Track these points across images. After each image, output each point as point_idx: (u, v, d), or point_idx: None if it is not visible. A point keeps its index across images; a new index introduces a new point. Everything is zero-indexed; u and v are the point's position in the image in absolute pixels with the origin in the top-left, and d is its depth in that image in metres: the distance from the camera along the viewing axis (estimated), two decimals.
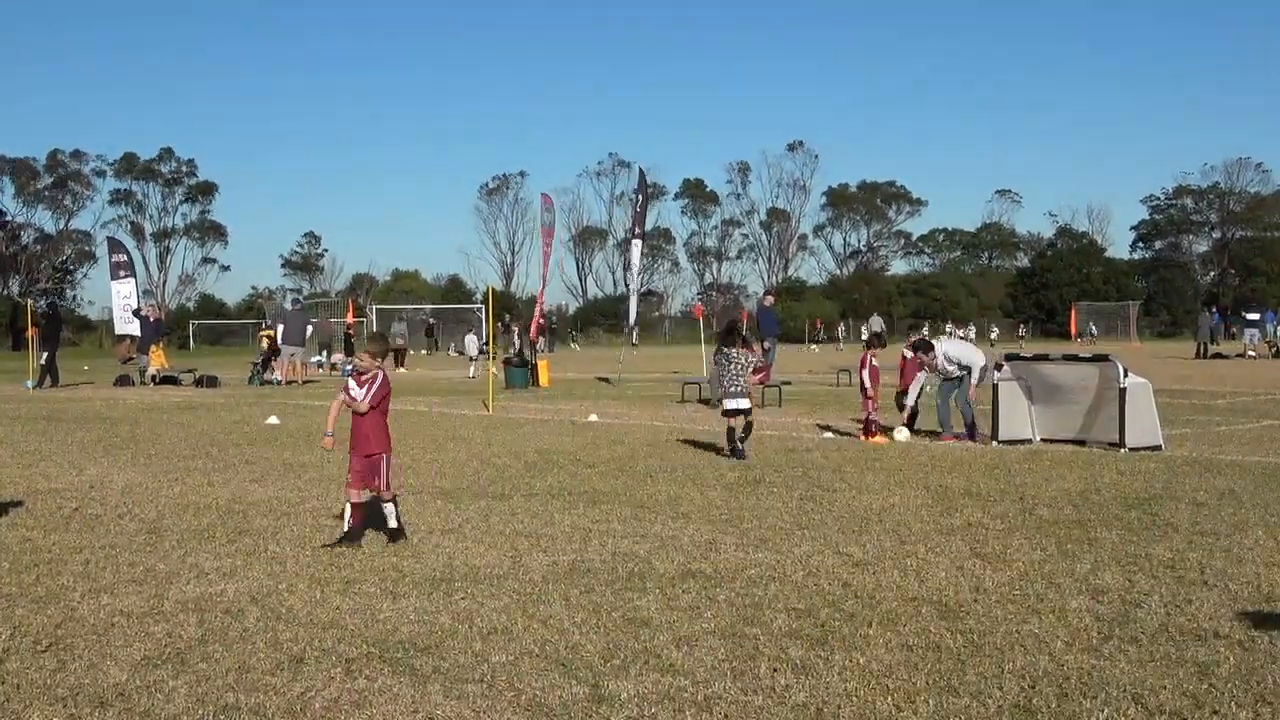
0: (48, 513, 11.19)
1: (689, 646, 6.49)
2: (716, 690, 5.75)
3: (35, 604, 7.60)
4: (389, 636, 6.75)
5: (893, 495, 11.86)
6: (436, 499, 11.85)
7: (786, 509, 11.14)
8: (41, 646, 6.61)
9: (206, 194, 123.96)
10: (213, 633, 6.87)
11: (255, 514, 11.02)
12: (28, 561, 8.90)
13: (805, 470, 13.76)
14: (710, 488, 12.51)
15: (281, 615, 7.25)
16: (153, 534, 10.06)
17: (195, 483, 13.14)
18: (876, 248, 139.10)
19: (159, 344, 38.61)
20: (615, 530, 10.07)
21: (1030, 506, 11.16)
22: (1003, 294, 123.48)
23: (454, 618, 7.16)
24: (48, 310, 38.82)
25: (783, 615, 7.18)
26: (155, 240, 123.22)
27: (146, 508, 11.45)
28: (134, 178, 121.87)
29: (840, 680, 5.89)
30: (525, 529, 10.16)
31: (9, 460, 15.54)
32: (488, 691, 5.75)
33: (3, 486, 12.90)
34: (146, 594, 7.84)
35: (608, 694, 5.70)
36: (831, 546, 9.28)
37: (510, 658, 6.30)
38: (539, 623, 7.04)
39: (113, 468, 14.61)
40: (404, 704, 5.59)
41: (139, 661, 6.29)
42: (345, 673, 6.06)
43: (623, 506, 11.34)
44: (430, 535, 9.88)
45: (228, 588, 8.00)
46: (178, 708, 5.55)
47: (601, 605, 7.45)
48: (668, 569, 8.50)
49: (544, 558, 8.93)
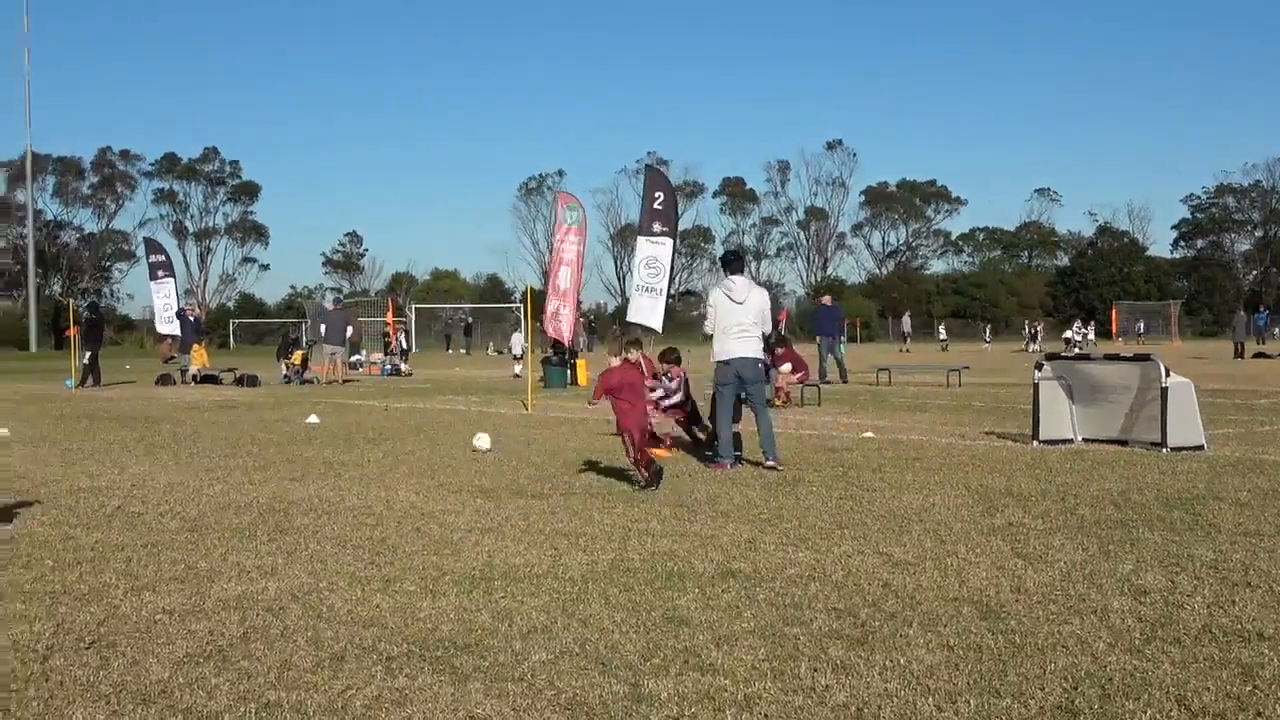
0: (90, 511, 11.26)
1: (729, 646, 6.48)
2: (756, 690, 5.73)
3: (78, 601, 7.64)
4: (429, 635, 6.76)
5: (933, 495, 11.81)
6: (476, 497, 11.87)
7: (826, 508, 11.11)
8: (85, 644, 6.64)
9: (249, 194, 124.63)
10: (254, 630, 6.89)
11: (296, 512, 11.07)
12: (70, 559, 8.96)
13: (845, 470, 13.71)
14: (749, 487, 12.48)
15: (322, 613, 7.27)
16: (194, 532, 10.11)
17: (236, 481, 13.21)
18: (915, 246, 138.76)
19: (200, 343, 38.84)
20: (654, 529, 10.06)
21: (1072, 506, 11.09)
22: (1042, 293, 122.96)
23: (494, 616, 7.17)
24: (90, 310, 39.04)
25: (823, 615, 7.15)
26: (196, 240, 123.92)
27: (188, 506, 11.51)
28: (176, 178, 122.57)
29: (881, 680, 5.87)
30: (564, 528, 10.16)
31: (52, 458, 15.65)
32: (527, 690, 5.75)
33: (46, 485, 12.99)
34: (188, 592, 7.87)
35: (647, 693, 5.70)
36: (871, 546, 9.25)
37: (550, 656, 6.30)
38: (578, 621, 7.03)
39: (154, 466, 14.69)
40: (444, 702, 5.60)
41: (181, 659, 6.32)
42: (386, 671, 6.07)
43: (661, 505, 11.33)
44: (470, 534, 9.89)
45: (269, 586, 8.03)
46: (220, 705, 5.57)
47: (641, 604, 7.44)
48: (707, 568, 8.48)
49: (583, 556, 8.93)
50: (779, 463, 13.77)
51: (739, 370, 14.03)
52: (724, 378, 14.14)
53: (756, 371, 14.37)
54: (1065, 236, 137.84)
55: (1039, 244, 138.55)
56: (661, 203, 32.75)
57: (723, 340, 14.06)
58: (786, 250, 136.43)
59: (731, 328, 14.00)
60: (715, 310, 14.17)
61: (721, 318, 14.05)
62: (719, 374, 14.18)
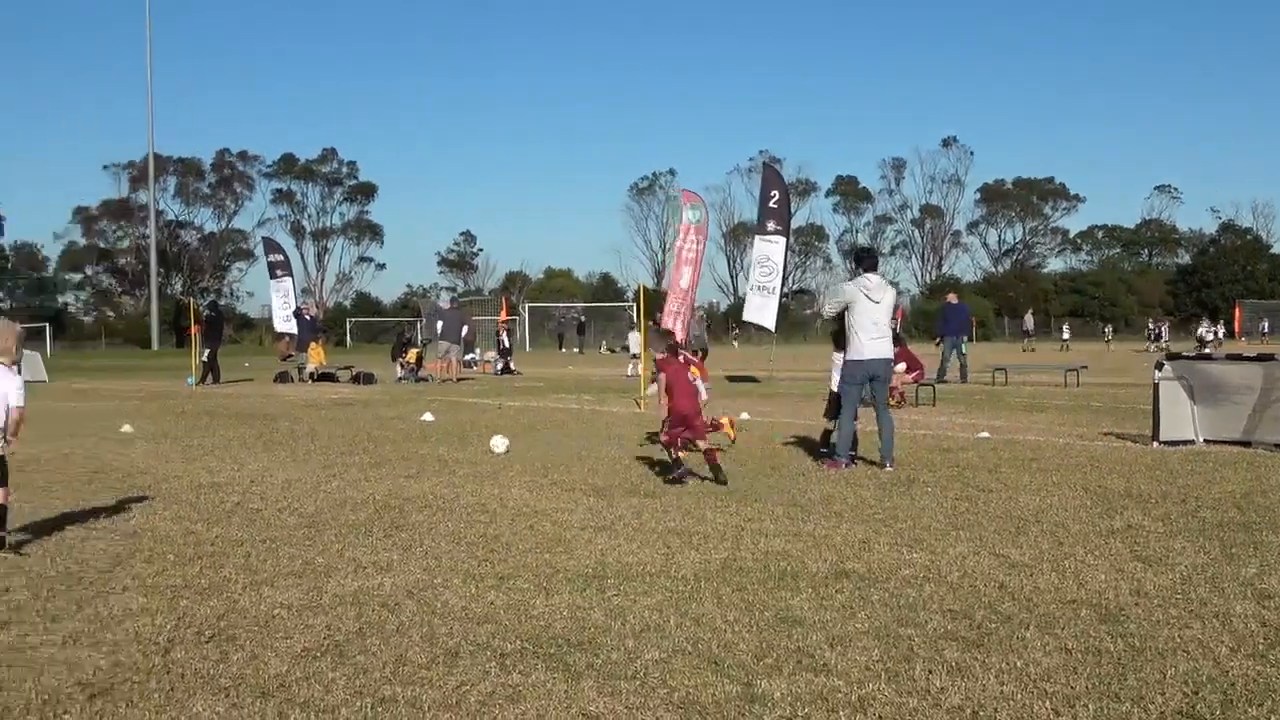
0: (210, 506, 11.44)
1: (842, 647, 6.44)
2: (870, 691, 5.69)
3: (199, 595, 7.76)
4: (543, 632, 6.79)
5: (1050, 496, 11.65)
6: (589, 496, 11.90)
7: (941, 509, 11.01)
8: (205, 637, 6.75)
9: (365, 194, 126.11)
10: (370, 626, 6.96)
11: (411, 509, 11.16)
12: (191, 554, 9.11)
13: (960, 470, 13.58)
14: (863, 487, 12.40)
15: (437, 610, 7.33)
16: (311, 528, 10.23)
17: (352, 478, 13.35)
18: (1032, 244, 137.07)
19: (317, 341, 39.34)
20: (767, 529, 10.03)
21: (1193, 509, 10.89)
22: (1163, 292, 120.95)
23: (607, 614, 7.18)
24: (210, 309, 39.69)
25: (938, 616, 7.09)
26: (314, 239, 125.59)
27: (305, 502, 11.66)
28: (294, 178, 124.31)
29: (997, 683, 5.80)
30: (677, 526, 10.16)
31: (173, 455, 15.92)
32: (640, 688, 5.76)
33: (167, 480, 13.22)
34: (306, 587, 7.97)
35: (760, 693, 5.68)
36: (987, 548, 9.15)
37: (662, 655, 6.30)
38: (691, 620, 7.03)
39: (273, 463, 14.90)
40: (557, 699, 5.61)
41: (299, 653, 6.40)
42: (500, 667, 6.11)
43: (774, 505, 11.29)
44: (583, 532, 9.92)
45: (384, 581, 8.10)
46: (336, 699, 5.64)
47: (754, 604, 7.42)
48: (820, 568, 8.44)
49: (696, 555, 8.91)
50: (894, 465, 13.67)
51: (871, 370, 13.96)
52: (855, 377, 14.02)
53: (888, 371, 14.31)
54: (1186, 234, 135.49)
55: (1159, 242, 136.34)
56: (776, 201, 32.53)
57: (858, 339, 13.92)
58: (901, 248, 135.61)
59: (868, 326, 13.89)
60: (853, 308, 14.01)
61: (859, 316, 13.91)
62: (850, 372, 14.04)
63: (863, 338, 13.86)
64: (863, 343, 13.86)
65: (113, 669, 6.14)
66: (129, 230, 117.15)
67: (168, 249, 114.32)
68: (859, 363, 13.92)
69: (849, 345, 13.96)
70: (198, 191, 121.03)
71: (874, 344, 13.90)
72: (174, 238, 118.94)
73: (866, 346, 13.86)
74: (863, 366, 13.93)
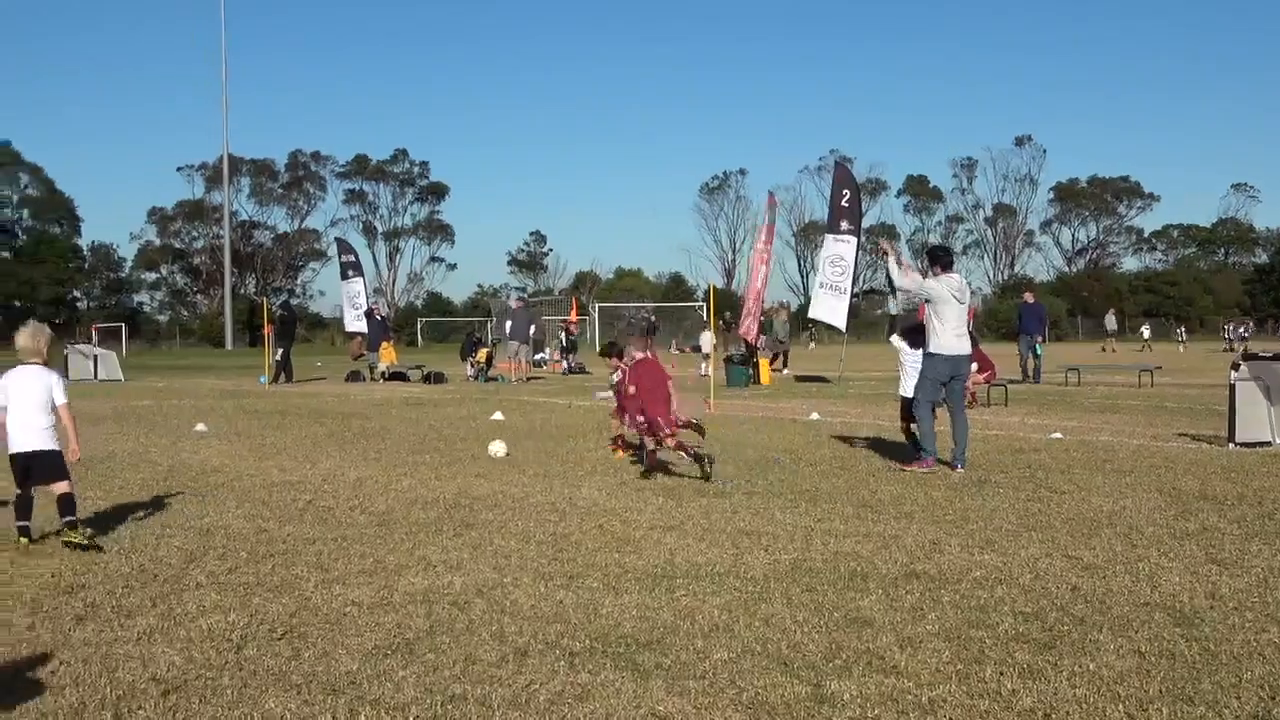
0: (282, 504, 11.54)
1: (912, 648, 6.41)
2: (941, 693, 5.66)
3: (271, 592, 7.83)
4: (611, 631, 6.80)
5: (1123, 498, 11.54)
6: (658, 495, 11.90)
7: (1013, 510, 10.93)
8: (277, 634, 6.80)
9: (436, 194, 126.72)
10: (440, 624, 7.00)
11: (481, 508, 11.20)
12: (264, 552, 9.19)
13: (1032, 471, 13.47)
14: (934, 487, 12.33)
15: (506, 608, 7.35)
16: (382, 526, 10.29)
17: (423, 477, 13.42)
18: (1106, 244, 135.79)
19: (388, 341, 39.57)
20: (837, 529, 9.99)
21: (1269, 511, 10.76)
22: (1239, 291, 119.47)
23: (675, 614, 7.18)
24: (283, 308, 40.02)
25: (1009, 618, 7.04)
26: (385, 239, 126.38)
27: (376, 500, 11.73)
28: (366, 179, 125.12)
29: (1069, 686, 5.75)
30: (746, 526, 10.14)
31: (246, 453, 16.07)
32: (709, 688, 5.75)
33: (240, 479, 13.34)
34: (377, 585, 8.02)
35: (830, 694, 5.66)
36: (1060, 549, 9.07)
37: (731, 655, 6.29)
38: (760, 621, 7.01)
39: (344, 461, 15.00)
40: (626, 698, 5.62)
41: (370, 651, 6.44)
42: (569, 666, 6.12)
43: (844, 505, 11.25)
44: (652, 531, 9.93)
45: (454, 580, 8.14)
46: (406, 697, 5.67)
47: (823, 604, 7.40)
48: (890, 569, 8.40)
49: (765, 556, 8.90)
50: (965, 466, 13.58)
51: (955, 368, 13.89)
52: (940, 374, 13.93)
53: (968, 370, 14.24)
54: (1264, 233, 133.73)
55: (1236, 241, 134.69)
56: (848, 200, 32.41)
57: (944, 337, 13.81)
58: (973, 248, 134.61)
59: (954, 325, 13.84)
60: (938, 307, 13.88)
61: (949, 315, 13.81)
62: (934, 369, 13.92)
63: (948, 336, 13.78)
64: (949, 341, 13.78)
65: (186, 665, 6.20)
66: (203, 231, 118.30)
67: (241, 249, 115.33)
68: (945, 359, 13.83)
69: (932, 341, 13.85)
70: (271, 192, 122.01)
71: (958, 341, 13.85)
72: (248, 238, 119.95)
73: (953, 344, 13.80)
74: (948, 362, 13.85)
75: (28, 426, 9.47)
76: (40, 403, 9.51)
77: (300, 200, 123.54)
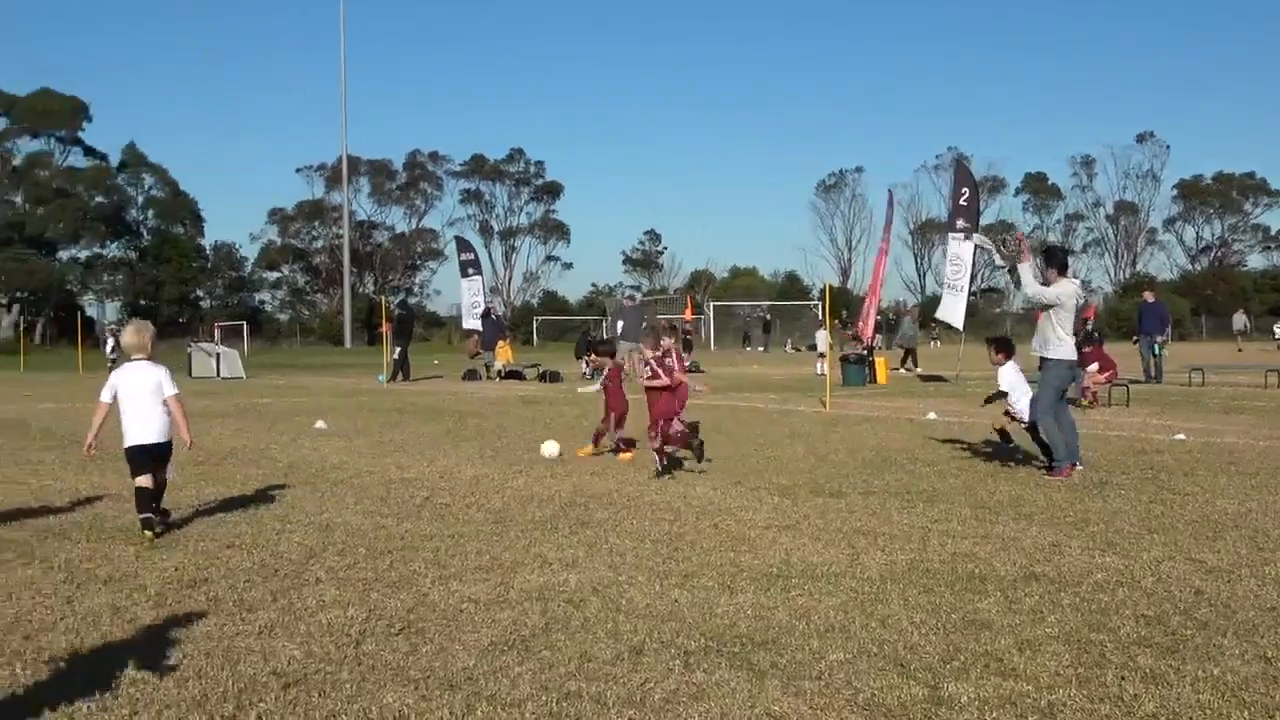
0: (400, 501, 11.65)
1: (1031, 651, 6.32)
2: (1060, 697, 5.58)
3: (389, 588, 7.91)
4: (726, 630, 6.78)
5: (1249, 500, 11.31)
6: (774, 495, 11.87)
7: (1134, 512, 10.75)
8: (395, 630, 6.87)
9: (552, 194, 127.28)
10: (555, 621, 7.02)
11: (596, 506, 11.24)
12: (382, 548, 9.28)
13: (1154, 472, 13.25)
14: (1054, 489, 12.17)
15: (621, 606, 7.36)
16: (499, 524, 10.35)
17: (538, 474, 13.48)
18: (1231, 241, 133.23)
19: (505, 339, 39.83)
20: (954, 530, 9.90)
21: None
22: None
23: (791, 614, 7.15)
24: (400, 307, 40.41)
25: (1131, 622, 6.92)
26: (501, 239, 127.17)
27: (493, 498, 11.80)
28: (482, 178, 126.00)
29: (1192, 691, 5.65)
30: (862, 527, 10.08)
31: (365, 450, 16.25)
32: (825, 689, 5.72)
33: (359, 476, 13.49)
34: (493, 582, 8.07)
35: (947, 696, 5.60)
36: (1183, 552, 8.91)
37: (847, 656, 6.26)
38: (877, 622, 6.96)
39: (461, 459, 15.11)
40: (741, 698, 5.60)
41: (486, 647, 6.48)
42: (684, 665, 6.12)
43: (962, 506, 11.14)
44: (767, 531, 9.89)
45: (570, 578, 8.16)
46: (522, 693, 5.69)
47: (940, 606, 7.33)
48: (1009, 571, 8.30)
49: (881, 556, 8.83)
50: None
51: (1073, 374, 13.77)
52: (1065, 381, 13.79)
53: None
54: None
55: None
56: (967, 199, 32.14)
57: (1067, 342, 13.63)
58: (1093, 246, 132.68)
59: (1070, 328, 13.70)
60: (1062, 311, 13.62)
61: (1066, 319, 13.60)
62: (1060, 377, 13.69)
63: (1069, 340, 13.61)
64: (1070, 345, 13.61)
65: (306, 659, 6.28)
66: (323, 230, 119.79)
67: (360, 248, 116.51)
68: (1069, 365, 13.70)
69: (1057, 348, 13.54)
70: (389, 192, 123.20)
71: (1073, 346, 13.70)
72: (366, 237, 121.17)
73: (1072, 349, 13.66)
74: (1071, 369, 13.74)
75: (142, 419, 9.85)
76: (152, 396, 9.88)
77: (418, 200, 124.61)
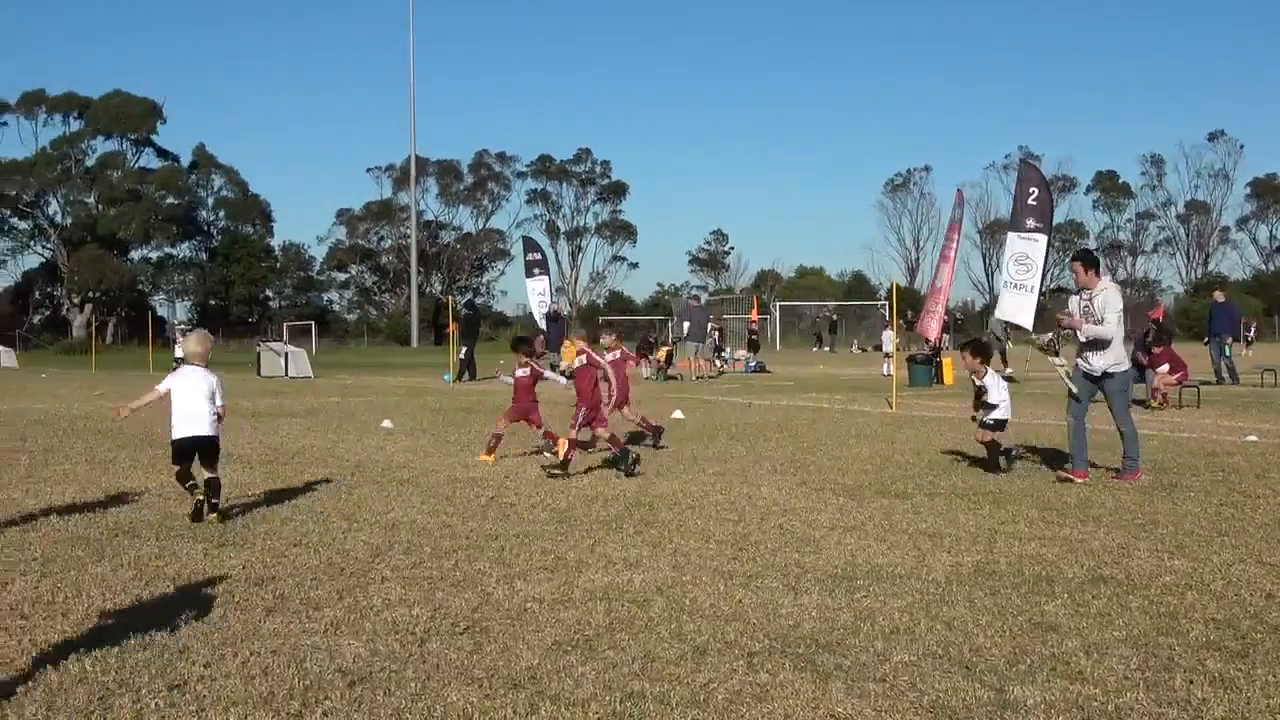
0: (465, 500, 11.69)
1: (1099, 654, 6.27)
2: (1128, 701, 5.53)
3: (454, 587, 7.94)
4: (790, 631, 6.77)
5: None
6: (839, 495, 11.83)
7: (1205, 515, 10.64)
8: (459, 629, 6.89)
9: (618, 194, 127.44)
10: (619, 621, 7.03)
11: (660, 506, 11.24)
12: (447, 547, 9.32)
13: (1225, 475, 13.10)
14: (1123, 491, 12.06)
15: (685, 607, 7.36)
16: (563, 523, 10.38)
17: (603, 474, 13.50)
18: None
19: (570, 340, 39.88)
20: (1021, 532, 9.83)
21: None
22: None
23: (855, 615, 7.12)
24: (467, 307, 40.57)
25: (1200, 625, 6.85)
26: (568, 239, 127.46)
27: (557, 497, 11.83)
28: (549, 178, 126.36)
29: (1263, 696, 5.58)
30: (928, 528, 10.03)
31: (431, 449, 16.32)
32: (889, 691, 5.69)
33: (425, 475, 13.55)
34: (557, 581, 8.08)
35: (1013, 699, 5.56)
36: (1254, 555, 8.81)
37: (912, 658, 6.22)
38: (942, 624, 6.93)
39: (526, 458, 15.13)
40: (805, 699, 5.59)
41: (550, 646, 6.49)
42: (747, 666, 6.11)
43: (1029, 508, 11.06)
44: (832, 532, 9.86)
45: (634, 577, 8.17)
46: (586, 693, 5.70)
47: (1007, 608, 7.28)
48: (1077, 573, 8.24)
49: (947, 558, 8.79)
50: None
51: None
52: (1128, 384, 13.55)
53: None
54: None
55: None
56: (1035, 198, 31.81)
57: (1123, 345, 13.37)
58: (1164, 245, 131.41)
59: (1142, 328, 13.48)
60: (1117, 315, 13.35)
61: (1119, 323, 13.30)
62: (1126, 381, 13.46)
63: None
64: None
65: (371, 657, 6.32)
66: (390, 231, 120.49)
67: (427, 248, 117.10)
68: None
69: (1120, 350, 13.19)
70: (457, 192, 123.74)
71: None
72: (433, 237, 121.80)
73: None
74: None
75: (194, 416, 10.63)
76: (205, 397, 10.66)
77: (485, 200, 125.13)
